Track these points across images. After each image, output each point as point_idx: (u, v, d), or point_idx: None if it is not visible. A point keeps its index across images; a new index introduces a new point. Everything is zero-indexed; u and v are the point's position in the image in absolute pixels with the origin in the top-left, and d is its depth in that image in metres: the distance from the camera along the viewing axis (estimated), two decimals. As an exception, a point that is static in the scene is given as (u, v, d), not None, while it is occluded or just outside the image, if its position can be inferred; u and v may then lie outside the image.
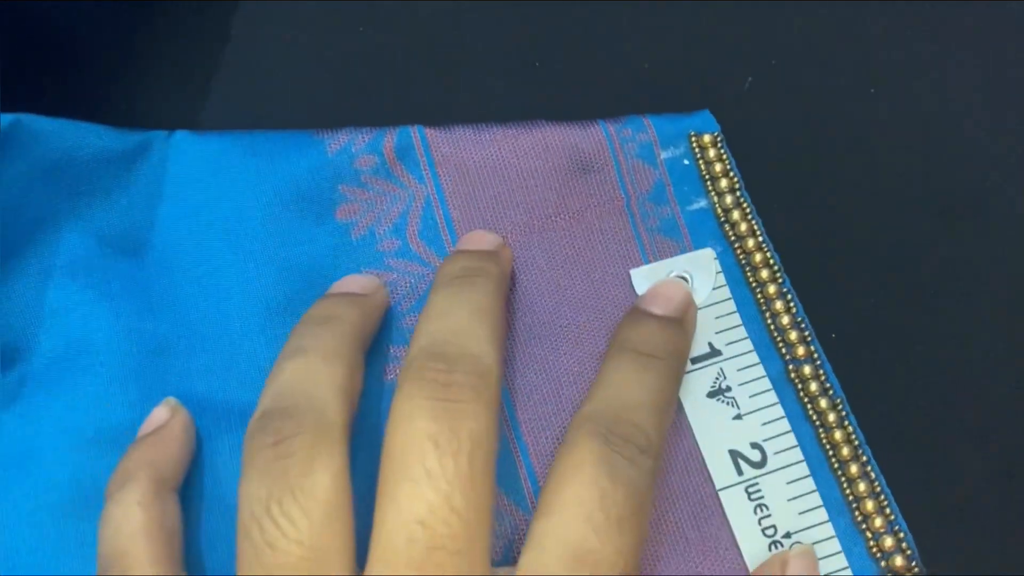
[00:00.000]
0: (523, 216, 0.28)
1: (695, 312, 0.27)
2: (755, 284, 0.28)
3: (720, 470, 0.26)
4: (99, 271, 0.28)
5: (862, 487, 0.26)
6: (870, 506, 0.26)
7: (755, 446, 0.26)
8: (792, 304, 0.28)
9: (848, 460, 0.26)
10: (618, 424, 0.23)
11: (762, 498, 0.26)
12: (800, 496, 0.26)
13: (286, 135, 0.29)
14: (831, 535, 0.26)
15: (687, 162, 0.29)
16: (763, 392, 0.27)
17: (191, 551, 0.26)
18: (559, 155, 0.29)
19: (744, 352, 0.27)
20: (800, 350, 0.27)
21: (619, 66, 0.30)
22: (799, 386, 0.27)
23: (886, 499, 0.26)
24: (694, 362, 0.27)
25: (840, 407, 0.27)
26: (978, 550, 0.27)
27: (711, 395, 0.27)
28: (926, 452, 0.27)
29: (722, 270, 0.28)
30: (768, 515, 0.26)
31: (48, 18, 0.30)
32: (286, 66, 0.31)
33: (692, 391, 0.27)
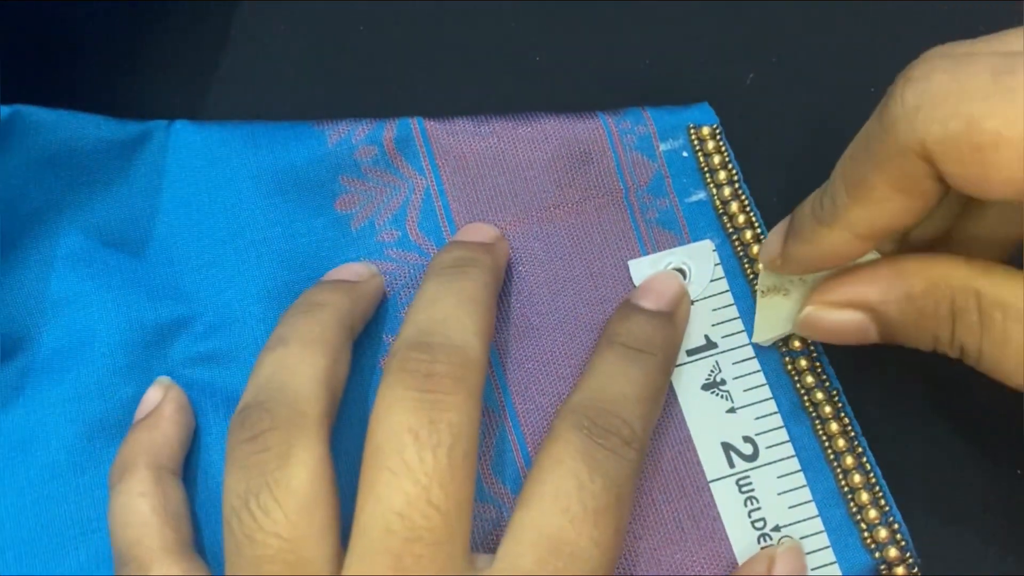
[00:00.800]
0: (522, 207, 0.28)
1: (688, 305, 0.27)
2: (752, 276, 0.28)
3: (712, 462, 0.26)
4: (100, 262, 0.28)
5: (857, 479, 0.26)
6: (865, 497, 0.26)
7: (747, 439, 0.27)
8: (789, 297, 0.28)
9: (843, 452, 0.27)
10: (601, 416, 0.24)
11: (753, 491, 0.26)
12: (790, 490, 0.26)
13: (286, 126, 0.29)
14: (820, 529, 0.26)
15: (686, 154, 0.29)
16: (757, 387, 0.27)
17: (198, 538, 0.26)
18: (558, 147, 0.29)
19: (740, 346, 0.27)
20: (796, 342, 0.27)
21: (620, 61, 0.30)
22: (795, 378, 0.27)
23: (881, 491, 0.26)
24: (689, 354, 0.27)
25: (836, 399, 0.27)
26: (973, 541, 0.27)
27: (706, 387, 0.27)
28: (922, 444, 0.27)
29: (721, 262, 0.28)
30: (758, 508, 0.26)
31: (48, 10, 0.30)
32: (287, 58, 0.31)
33: (687, 383, 0.27)
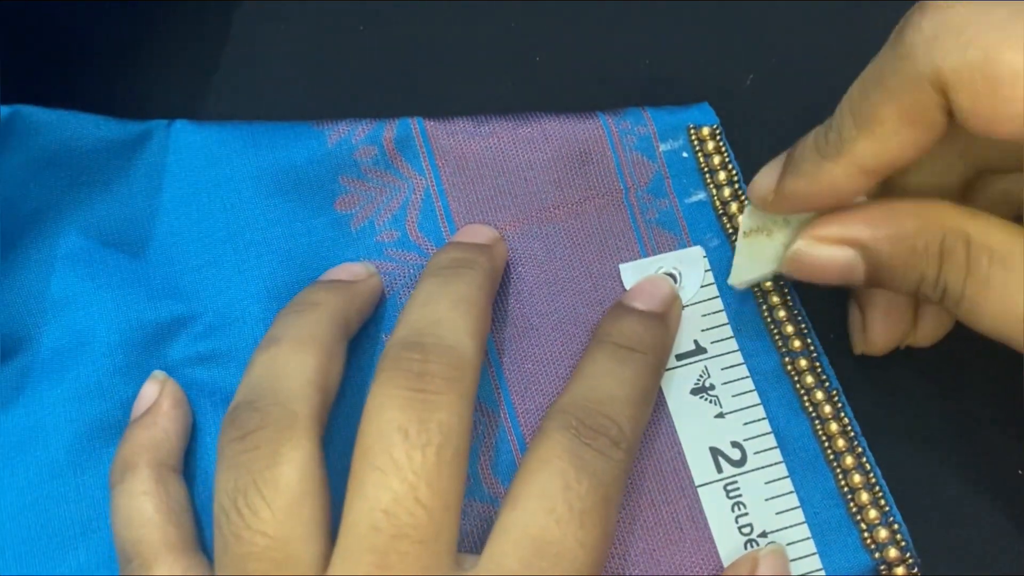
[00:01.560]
0: (522, 208, 0.28)
1: (680, 308, 0.27)
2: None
3: (700, 466, 0.26)
4: (99, 262, 0.28)
5: (857, 479, 0.26)
6: (865, 498, 0.26)
7: (735, 445, 0.27)
8: (789, 297, 0.28)
9: (843, 452, 0.27)
10: (590, 416, 0.24)
11: (740, 496, 0.26)
12: (777, 496, 0.26)
13: (286, 126, 0.29)
14: (807, 536, 0.26)
15: (686, 155, 0.29)
16: (746, 392, 0.27)
17: (200, 535, 0.26)
18: (558, 147, 0.29)
19: (728, 351, 0.27)
20: (796, 343, 0.27)
21: (620, 62, 0.30)
22: (795, 378, 0.27)
23: (881, 491, 0.26)
24: (679, 359, 0.27)
25: (836, 399, 0.27)
26: (973, 541, 0.27)
27: (695, 392, 0.27)
28: (922, 444, 0.27)
29: (720, 263, 0.28)
30: (745, 513, 0.26)
31: (48, 10, 0.30)
32: (287, 58, 0.31)
33: (676, 387, 0.27)
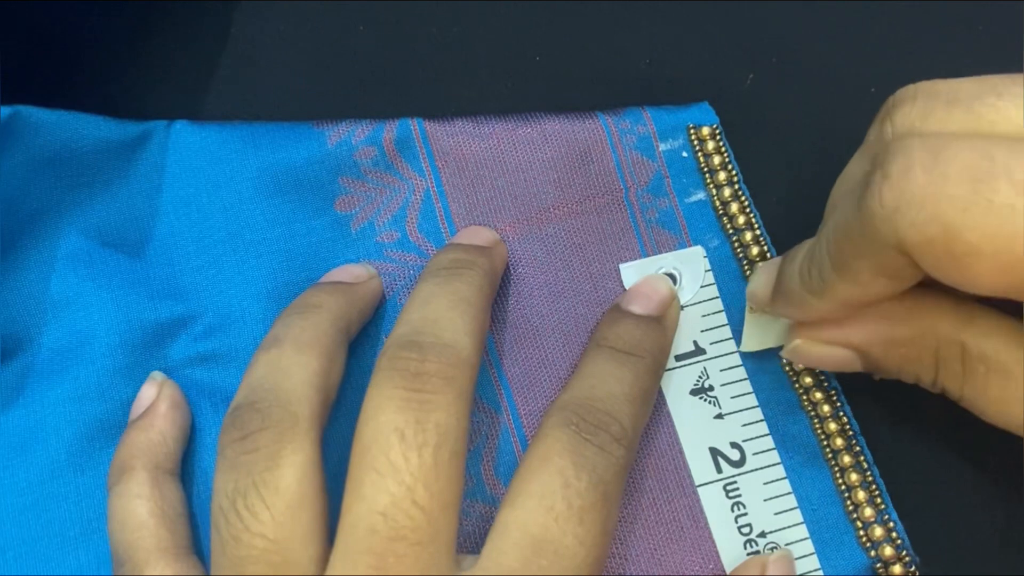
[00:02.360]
0: (522, 208, 0.28)
1: (678, 310, 0.27)
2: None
3: (700, 467, 0.27)
4: (100, 262, 0.28)
5: (854, 477, 0.26)
6: (861, 496, 0.26)
7: (735, 446, 0.27)
8: (788, 298, 0.28)
9: (841, 450, 0.27)
10: (591, 413, 0.24)
11: (739, 497, 0.26)
12: (776, 497, 0.26)
13: (286, 126, 0.29)
14: (805, 536, 0.26)
15: (686, 154, 0.29)
16: (744, 394, 0.27)
17: (197, 538, 0.26)
18: (558, 147, 0.29)
19: (727, 352, 0.27)
20: (795, 344, 0.27)
21: (620, 62, 0.30)
22: (793, 377, 0.27)
23: (878, 489, 0.26)
24: (678, 359, 0.27)
25: (835, 398, 0.27)
26: (971, 541, 0.27)
27: (694, 392, 0.27)
28: (921, 444, 0.28)
29: (720, 263, 0.28)
30: (744, 513, 0.26)
31: (48, 10, 0.30)
32: (287, 58, 0.31)
33: (675, 388, 0.27)
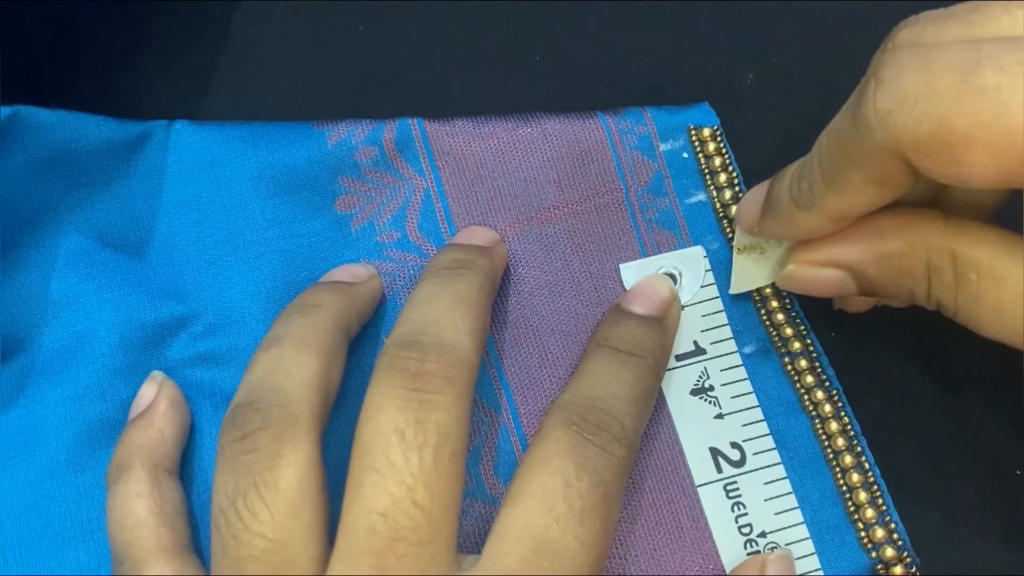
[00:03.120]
0: (522, 208, 0.28)
1: (679, 310, 0.27)
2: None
3: (700, 467, 0.27)
4: (99, 262, 0.28)
5: (855, 478, 0.26)
6: (863, 496, 0.26)
7: (735, 446, 0.27)
8: (788, 299, 0.28)
9: (842, 451, 0.27)
10: (592, 412, 0.24)
11: (740, 497, 0.26)
12: (776, 497, 0.26)
13: (286, 126, 0.29)
14: (805, 536, 0.26)
15: (686, 155, 0.29)
16: (745, 394, 0.27)
17: (197, 537, 0.26)
18: (558, 147, 0.29)
19: (728, 352, 0.27)
20: (796, 344, 0.27)
21: (620, 62, 0.30)
22: (795, 378, 0.27)
23: (879, 490, 0.26)
24: (679, 359, 0.27)
25: (836, 398, 0.27)
26: (972, 541, 0.27)
27: (694, 392, 0.27)
28: (921, 444, 0.28)
29: (720, 265, 0.28)
30: (744, 513, 0.26)
31: (48, 10, 0.30)
32: (287, 58, 0.31)
33: (676, 388, 0.27)
